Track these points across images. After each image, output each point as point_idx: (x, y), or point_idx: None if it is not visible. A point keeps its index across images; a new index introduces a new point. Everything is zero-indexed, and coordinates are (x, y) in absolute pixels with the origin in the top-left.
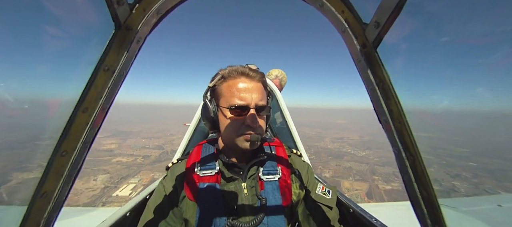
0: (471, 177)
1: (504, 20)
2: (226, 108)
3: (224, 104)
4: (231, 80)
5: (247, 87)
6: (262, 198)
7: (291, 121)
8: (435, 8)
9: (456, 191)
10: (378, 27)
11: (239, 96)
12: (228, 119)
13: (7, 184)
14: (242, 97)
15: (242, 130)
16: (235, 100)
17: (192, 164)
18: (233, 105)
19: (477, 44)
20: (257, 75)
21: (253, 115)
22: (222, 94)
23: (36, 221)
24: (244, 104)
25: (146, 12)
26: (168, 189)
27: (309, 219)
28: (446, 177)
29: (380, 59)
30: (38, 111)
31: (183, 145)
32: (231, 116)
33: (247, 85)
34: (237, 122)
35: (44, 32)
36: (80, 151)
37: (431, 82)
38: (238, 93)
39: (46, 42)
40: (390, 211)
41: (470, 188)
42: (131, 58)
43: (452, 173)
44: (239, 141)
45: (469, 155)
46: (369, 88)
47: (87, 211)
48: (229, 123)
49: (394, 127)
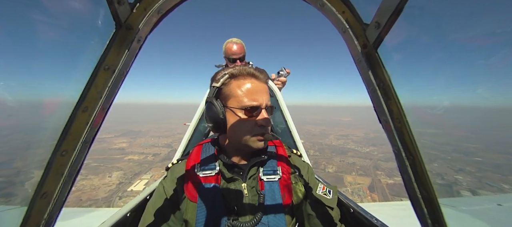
0: (475, 171)
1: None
2: (238, 109)
3: (234, 105)
4: (240, 81)
5: (258, 88)
6: (262, 198)
7: (291, 121)
8: (436, 8)
9: (458, 185)
10: (378, 28)
11: (251, 97)
12: (240, 120)
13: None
14: (255, 98)
15: (256, 130)
16: (249, 101)
17: (192, 164)
18: (246, 106)
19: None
20: (264, 76)
21: (267, 115)
22: (231, 95)
23: (36, 222)
24: (256, 105)
25: (146, 11)
26: (168, 190)
27: (310, 219)
28: (450, 172)
29: (380, 59)
30: (37, 111)
31: (183, 145)
32: (244, 117)
33: (257, 86)
34: (250, 123)
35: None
36: (80, 150)
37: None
38: (250, 94)
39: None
40: (390, 210)
41: (473, 181)
42: (132, 58)
43: (455, 168)
44: (252, 141)
45: (476, 150)
46: (370, 89)
47: (87, 212)
48: (241, 124)
49: (394, 126)
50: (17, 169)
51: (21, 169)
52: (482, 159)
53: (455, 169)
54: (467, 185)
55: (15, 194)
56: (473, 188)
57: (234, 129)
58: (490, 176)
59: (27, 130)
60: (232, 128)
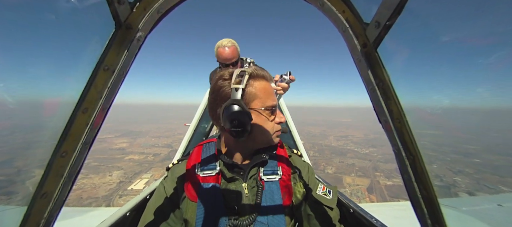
0: (473, 173)
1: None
2: (263, 109)
3: (259, 106)
4: (259, 81)
5: (271, 89)
6: (262, 198)
7: (292, 121)
8: (436, 8)
9: (457, 186)
10: (378, 27)
11: (271, 98)
12: (267, 119)
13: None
14: (272, 98)
15: (276, 127)
16: (271, 101)
17: (192, 164)
18: (270, 106)
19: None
20: (271, 77)
21: (281, 113)
22: (256, 96)
23: (36, 221)
24: (275, 104)
25: (146, 11)
26: (168, 190)
27: (310, 219)
28: (449, 173)
29: (380, 59)
30: (38, 112)
31: (183, 145)
32: (269, 116)
33: (270, 86)
34: (273, 121)
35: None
36: (80, 151)
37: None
38: (269, 95)
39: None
40: (390, 211)
41: (471, 183)
42: (131, 58)
43: (454, 169)
44: (274, 137)
45: (475, 152)
46: (369, 88)
47: (87, 211)
48: (267, 123)
49: (394, 126)
50: (17, 169)
51: (21, 169)
52: (481, 161)
53: (454, 170)
54: (465, 186)
55: (16, 194)
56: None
57: (260, 129)
58: (488, 178)
59: (27, 130)
60: (257, 128)
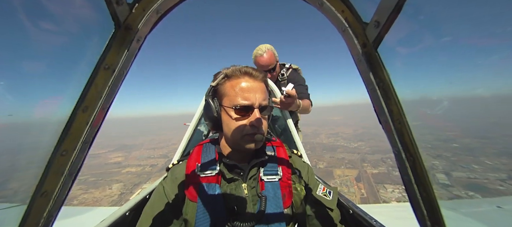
0: (450, 156)
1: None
2: (230, 108)
3: (227, 104)
4: (234, 80)
5: (251, 87)
6: (262, 198)
7: (291, 121)
8: (436, 7)
9: (435, 169)
10: (378, 27)
11: (243, 96)
12: (232, 119)
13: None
14: (246, 97)
15: (247, 130)
16: (239, 100)
17: (192, 164)
18: (237, 105)
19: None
20: (260, 74)
21: (259, 115)
22: (225, 94)
23: (36, 220)
24: (248, 104)
25: (145, 11)
26: (167, 190)
27: (309, 220)
28: (428, 158)
29: (380, 59)
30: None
31: (183, 145)
32: (235, 116)
33: (251, 85)
34: (242, 122)
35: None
36: (80, 150)
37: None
38: (242, 93)
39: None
40: (390, 212)
41: (448, 164)
42: (131, 58)
43: (434, 154)
44: (244, 141)
45: (454, 137)
46: (369, 88)
47: (86, 211)
48: (233, 123)
49: (394, 127)
50: (17, 168)
51: (21, 168)
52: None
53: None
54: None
55: (15, 193)
56: (448, 170)
57: (227, 128)
58: (463, 159)
59: (27, 129)
60: (225, 127)
